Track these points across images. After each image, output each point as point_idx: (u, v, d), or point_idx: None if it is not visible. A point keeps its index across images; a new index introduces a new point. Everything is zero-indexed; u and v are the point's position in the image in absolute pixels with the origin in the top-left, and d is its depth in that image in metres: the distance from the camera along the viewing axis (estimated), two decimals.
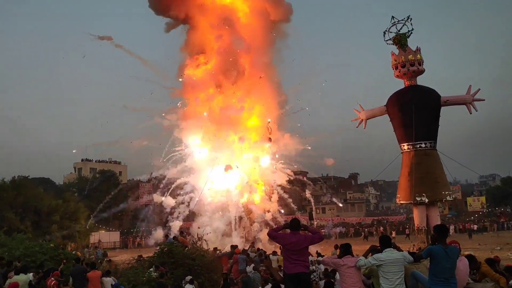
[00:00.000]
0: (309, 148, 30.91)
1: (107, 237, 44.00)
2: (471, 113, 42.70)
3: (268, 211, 27.44)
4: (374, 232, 47.76)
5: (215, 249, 18.72)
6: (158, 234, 27.12)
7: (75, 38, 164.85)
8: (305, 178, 36.70)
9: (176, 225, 27.13)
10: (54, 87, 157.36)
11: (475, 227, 46.42)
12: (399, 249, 6.69)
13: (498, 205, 62.81)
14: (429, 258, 5.97)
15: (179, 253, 15.33)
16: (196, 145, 28.83)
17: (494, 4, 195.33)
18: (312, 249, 16.83)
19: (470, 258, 7.23)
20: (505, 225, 49.03)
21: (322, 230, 39.41)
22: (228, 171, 26.76)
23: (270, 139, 27.90)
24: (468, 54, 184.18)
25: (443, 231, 6.09)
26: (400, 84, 44.84)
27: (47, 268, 12.98)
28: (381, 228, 49.77)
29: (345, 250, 6.77)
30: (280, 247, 12.46)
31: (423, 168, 41.36)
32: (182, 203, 28.23)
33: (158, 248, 16.83)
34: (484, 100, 43.17)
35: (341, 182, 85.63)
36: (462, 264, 7.39)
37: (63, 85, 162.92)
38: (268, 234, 7.03)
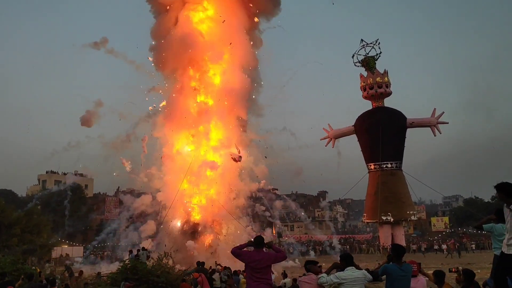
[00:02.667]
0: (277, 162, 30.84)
1: (70, 251, 42.65)
2: (435, 135, 44.20)
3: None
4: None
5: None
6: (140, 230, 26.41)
7: (55, 44, 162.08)
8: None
9: (149, 228, 26.50)
10: (24, 94, 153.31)
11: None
12: (357, 267, 6.78)
13: (460, 225, 64.34)
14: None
15: (143, 270, 15.06)
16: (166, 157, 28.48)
17: (462, 32, 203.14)
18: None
19: (438, 273, 7.35)
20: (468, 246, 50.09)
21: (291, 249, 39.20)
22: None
23: (240, 157, 27.63)
24: (435, 79, 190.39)
25: (400, 251, 6.22)
26: (368, 105, 46.05)
27: (1, 282, 12.44)
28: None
29: (310, 268, 6.84)
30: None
31: (389, 188, 42.31)
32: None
33: (121, 263, 16.48)
34: (447, 123, 44.77)
35: (310, 200, 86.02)
36: (420, 284, 7.55)
37: (34, 92, 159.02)
38: (231, 251, 7.00)
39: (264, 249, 6.86)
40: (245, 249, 6.94)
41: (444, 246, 43.85)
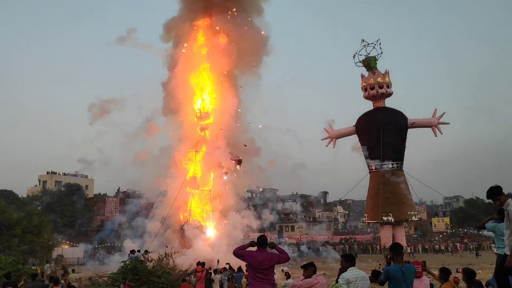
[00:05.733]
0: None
1: (70, 252, 42.61)
2: (436, 136, 44.19)
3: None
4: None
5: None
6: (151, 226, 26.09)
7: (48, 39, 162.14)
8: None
9: (158, 212, 26.17)
10: (25, 92, 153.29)
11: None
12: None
13: (461, 226, 64.28)
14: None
15: (144, 270, 15.04)
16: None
17: (465, 33, 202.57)
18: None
19: (444, 270, 7.35)
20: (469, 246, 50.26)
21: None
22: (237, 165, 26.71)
23: (240, 161, 27.46)
24: (437, 79, 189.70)
25: (398, 250, 6.15)
26: (369, 105, 46.04)
27: (3, 282, 12.48)
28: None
29: (315, 269, 6.87)
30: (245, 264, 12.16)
31: (390, 188, 42.27)
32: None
33: (122, 264, 16.44)
34: (448, 123, 44.77)
35: (310, 201, 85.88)
36: (424, 285, 7.52)
37: (35, 89, 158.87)
38: (233, 252, 6.92)
39: (267, 249, 6.82)
40: (247, 249, 6.90)
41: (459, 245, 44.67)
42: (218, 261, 20.22)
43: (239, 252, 6.80)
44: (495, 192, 5.79)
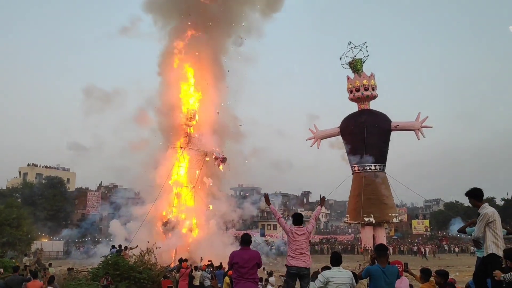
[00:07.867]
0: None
1: (50, 246, 42.05)
2: (419, 139, 44.75)
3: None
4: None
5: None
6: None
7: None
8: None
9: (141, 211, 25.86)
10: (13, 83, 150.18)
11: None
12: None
13: (440, 228, 65.28)
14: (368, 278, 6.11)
15: (125, 265, 14.95)
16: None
17: (450, 39, 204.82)
18: None
19: (425, 271, 7.47)
20: (447, 248, 51.25)
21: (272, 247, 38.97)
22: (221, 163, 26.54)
23: (225, 159, 27.34)
24: (422, 84, 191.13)
25: (383, 251, 6.26)
26: (354, 107, 46.43)
27: None
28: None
29: (297, 220, 7.16)
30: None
31: (372, 190, 42.76)
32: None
33: (103, 259, 16.33)
34: (431, 127, 45.40)
35: (293, 200, 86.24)
36: (404, 284, 7.66)
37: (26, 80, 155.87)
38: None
39: (250, 247, 6.87)
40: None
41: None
42: (201, 258, 20.15)
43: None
44: (476, 194, 6.01)
